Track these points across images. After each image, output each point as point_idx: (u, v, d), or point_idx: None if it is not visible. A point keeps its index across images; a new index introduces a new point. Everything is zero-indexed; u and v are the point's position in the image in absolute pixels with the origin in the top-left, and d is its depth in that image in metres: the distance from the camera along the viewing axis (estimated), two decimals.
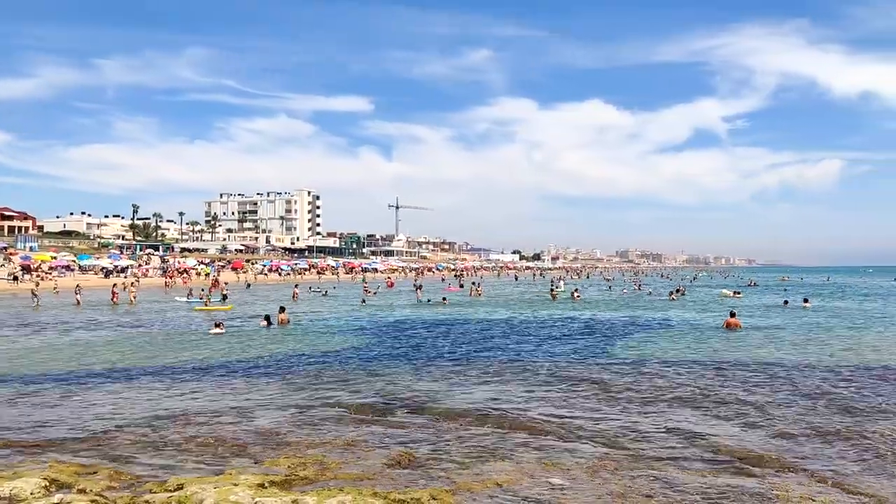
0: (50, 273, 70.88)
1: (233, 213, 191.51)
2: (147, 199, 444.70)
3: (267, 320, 27.81)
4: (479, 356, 19.07)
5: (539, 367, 16.87)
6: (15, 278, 62.81)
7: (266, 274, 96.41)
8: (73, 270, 78.72)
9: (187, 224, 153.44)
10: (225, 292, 47.99)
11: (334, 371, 16.46)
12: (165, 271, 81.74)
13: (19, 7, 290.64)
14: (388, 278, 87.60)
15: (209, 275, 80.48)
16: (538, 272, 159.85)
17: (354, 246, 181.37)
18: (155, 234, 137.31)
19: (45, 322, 30.09)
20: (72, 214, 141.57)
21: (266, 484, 7.44)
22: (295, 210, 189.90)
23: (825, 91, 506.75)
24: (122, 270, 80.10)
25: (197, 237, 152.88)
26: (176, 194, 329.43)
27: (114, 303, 42.10)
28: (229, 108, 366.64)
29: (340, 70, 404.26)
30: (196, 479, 7.56)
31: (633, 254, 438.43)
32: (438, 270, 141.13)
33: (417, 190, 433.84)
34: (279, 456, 8.90)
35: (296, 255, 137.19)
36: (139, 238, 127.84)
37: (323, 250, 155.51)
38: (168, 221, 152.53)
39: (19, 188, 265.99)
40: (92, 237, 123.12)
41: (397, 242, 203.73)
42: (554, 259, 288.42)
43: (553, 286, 55.06)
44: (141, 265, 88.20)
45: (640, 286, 72.19)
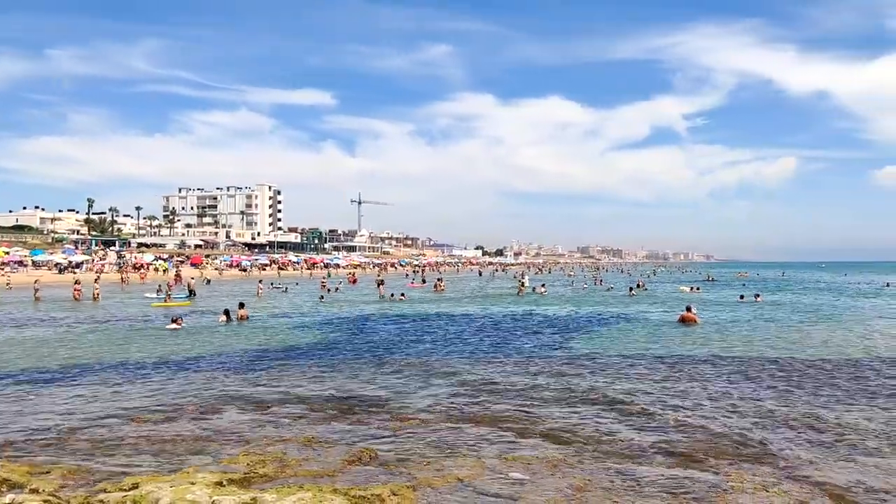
0: (2, 268, 68.94)
1: (192, 208, 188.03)
2: (103, 194, 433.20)
3: (226, 315, 27.43)
4: (441, 352, 19.09)
5: (500, 362, 16.98)
6: None
7: (221, 272, 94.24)
8: (27, 266, 76.72)
9: (145, 219, 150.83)
10: (192, 287, 46.69)
11: (294, 367, 16.32)
12: (121, 267, 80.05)
13: None
14: (351, 274, 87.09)
15: (166, 270, 79.01)
16: (501, 267, 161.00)
17: (316, 241, 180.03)
18: (111, 229, 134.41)
19: None
20: (25, 209, 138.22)
21: (224, 482, 7.35)
22: (256, 205, 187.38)
23: (781, 90, 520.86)
24: (77, 266, 78.19)
25: (155, 232, 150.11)
26: (132, 188, 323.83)
27: (76, 299, 41.08)
28: (186, 101, 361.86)
29: (298, 63, 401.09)
30: (152, 478, 7.43)
31: (594, 250, 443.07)
32: (402, 266, 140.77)
33: (380, 185, 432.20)
34: (238, 453, 8.80)
35: (256, 251, 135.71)
36: (94, 233, 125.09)
37: (284, 246, 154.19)
38: (125, 216, 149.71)
39: None
40: (45, 232, 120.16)
41: (360, 238, 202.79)
42: (517, 255, 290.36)
43: (520, 282, 55.57)
44: (96, 261, 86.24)
45: (601, 282, 73.28)
